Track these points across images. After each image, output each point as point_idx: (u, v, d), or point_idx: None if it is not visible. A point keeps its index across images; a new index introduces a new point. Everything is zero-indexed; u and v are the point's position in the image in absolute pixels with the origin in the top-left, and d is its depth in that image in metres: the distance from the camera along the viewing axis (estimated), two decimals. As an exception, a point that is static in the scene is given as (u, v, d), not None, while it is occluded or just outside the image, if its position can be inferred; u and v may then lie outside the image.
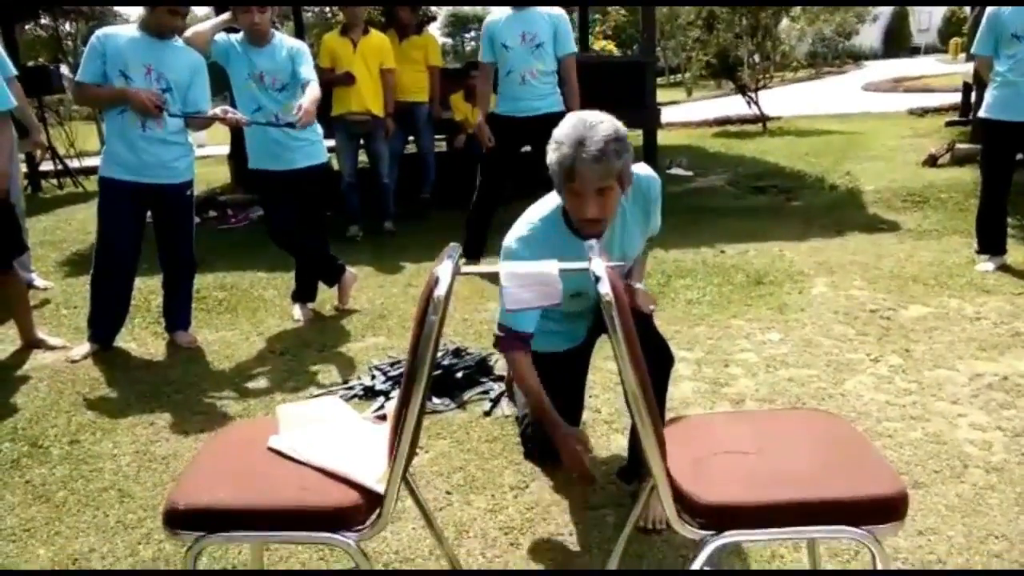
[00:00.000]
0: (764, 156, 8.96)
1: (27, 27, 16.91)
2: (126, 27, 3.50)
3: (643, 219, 2.22)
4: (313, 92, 3.62)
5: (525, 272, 1.51)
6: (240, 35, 3.71)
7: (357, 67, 5.53)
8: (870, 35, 33.39)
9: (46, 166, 9.25)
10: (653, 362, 2.09)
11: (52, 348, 3.69)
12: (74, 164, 9.51)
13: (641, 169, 2.16)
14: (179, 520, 1.51)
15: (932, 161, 7.38)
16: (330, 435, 1.75)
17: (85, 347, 3.61)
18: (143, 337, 3.88)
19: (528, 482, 2.42)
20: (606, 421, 2.79)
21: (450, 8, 35.19)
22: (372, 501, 1.53)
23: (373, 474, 1.56)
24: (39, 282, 4.79)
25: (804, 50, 15.18)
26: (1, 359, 3.64)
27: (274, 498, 1.53)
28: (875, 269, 4.43)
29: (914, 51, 35.05)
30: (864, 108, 14.19)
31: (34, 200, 8.11)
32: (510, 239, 2.13)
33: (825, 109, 14.29)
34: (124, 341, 3.76)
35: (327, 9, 20.58)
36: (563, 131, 1.92)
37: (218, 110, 3.55)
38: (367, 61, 5.57)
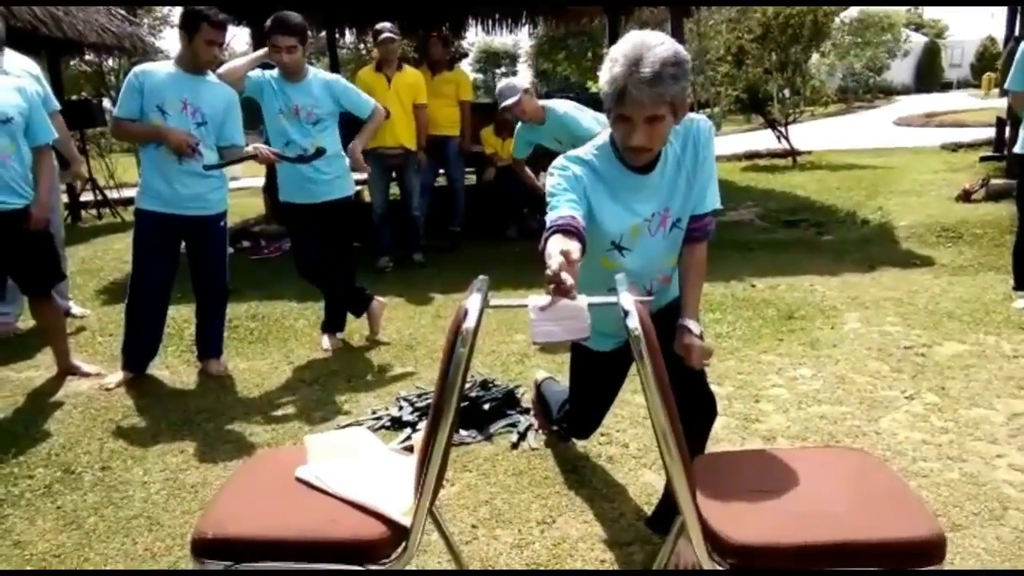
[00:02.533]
0: (794, 190, 8.92)
1: (72, 62, 17.45)
2: (163, 63, 3.57)
3: (693, 165, 1.96)
4: (379, 116, 4.04)
5: (553, 305, 1.51)
6: (275, 71, 3.79)
7: (391, 102, 5.62)
8: (901, 70, 33.20)
9: (86, 196, 9.50)
10: (696, 414, 2.06)
11: (87, 375, 3.75)
12: (113, 195, 9.74)
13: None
14: (207, 550, 1.52)
15: (966, 196, 7.28)
16: (357, 466, 1.75)
17: (119, 375, 3.66)
18: (176, 365, 3.93)
19: (555, 517, 2.40)
20: (634, 456, 2.76)
21: (481, 44, 35.75)
22: (398, 534, 1.53)
23: (399, 507, 1.56)
24: (76, 310, 4.89)
25: (834, 85, 15.11)
26: (37, 385, 3.71)
27: (301, 529, 1.53)
28: (909, 305, 4.37)
29: (946, 86, 34.79)
30: (896, 143, 14.06)
31: (74, 230, 8.29)
32: (563, 156, 1.96)
33: (856, 143, 14.18)
34: (157, 369, 3.82)
35: (362, 45, 21.05)
36: (620, 47, 1.75)
37: (250, 148, 3.63)
38: (401, 96, 5.67)
